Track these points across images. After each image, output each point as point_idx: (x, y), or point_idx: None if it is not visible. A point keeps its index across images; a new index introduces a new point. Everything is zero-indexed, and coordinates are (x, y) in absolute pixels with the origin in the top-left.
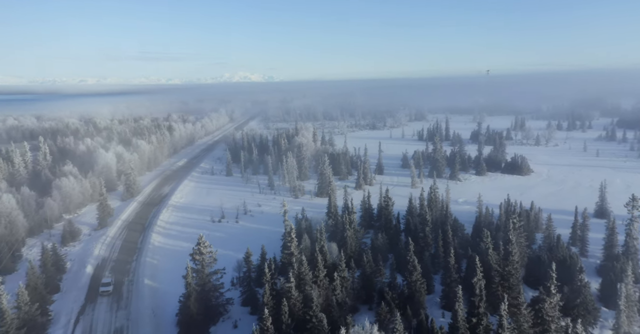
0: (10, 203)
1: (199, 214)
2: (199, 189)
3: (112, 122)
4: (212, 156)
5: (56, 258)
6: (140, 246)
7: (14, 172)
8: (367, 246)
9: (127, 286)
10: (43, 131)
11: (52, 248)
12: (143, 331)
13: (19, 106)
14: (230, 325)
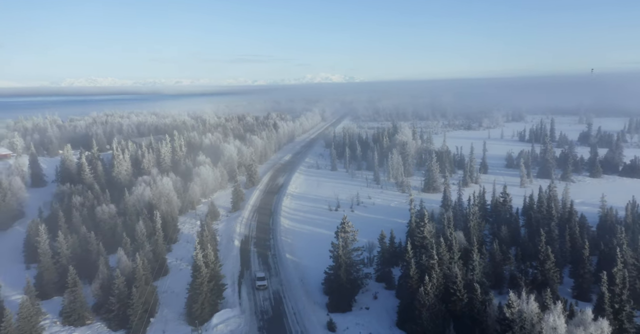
0: (169, 185)
1: (315, 202)
2: (310, 181)
3: (219, 120)
4: (314, 152)
5: (210, 233)
6: (272, 227)
7: (160, 160)
8: (488, 237)
9: (272, 259)
10: (165, 126)
11: (206, 224)
12: (296, 294)
13: (132, 105)
14: (371, 296)
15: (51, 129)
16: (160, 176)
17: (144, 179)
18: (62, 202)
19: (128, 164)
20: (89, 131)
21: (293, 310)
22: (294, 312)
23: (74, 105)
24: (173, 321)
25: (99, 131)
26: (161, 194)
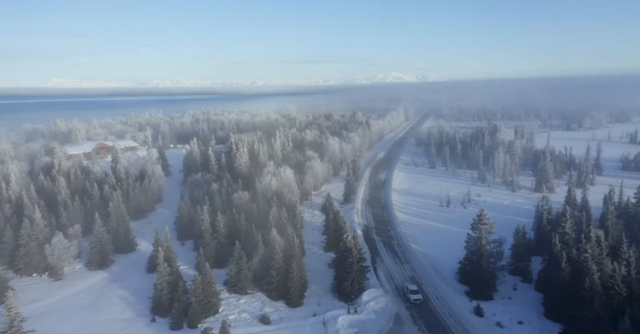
0: (291, 176)
1: (423, 198)
2: (411, 178)
3: (308, 118)
4: (406, 150)
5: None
6: (388, 219)
7: (273, 154)
8: None
9: (397, 248)
10: (261, 124)
11: (337, 213)
12: (432, 281)
13: (215, 104)
14: (509, 288)
15: (163, 125)
16: (275, 168)
17: (269, 170)
18: (202, 188)
19: (246, 156)
20: (194, 127)
21: (434, 295)
22: (436, 296)
23: (163, 104)
24: (323, 296)
25: (204, 127)
26: (284, 184)
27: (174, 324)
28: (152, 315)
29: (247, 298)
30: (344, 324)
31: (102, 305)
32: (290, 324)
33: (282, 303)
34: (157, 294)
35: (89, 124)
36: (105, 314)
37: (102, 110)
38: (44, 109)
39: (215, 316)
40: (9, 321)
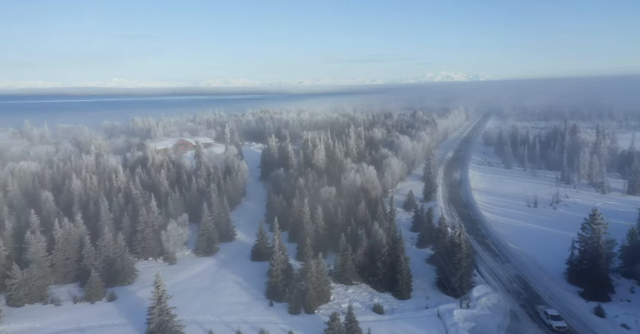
0: (373, 173)
1: (507, 198)
2: (488, 178)
3: (368, 117)
4: (475, 150)
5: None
6: (475, 218)
7: (349, 151)
8: None
9: (493, 246)
10: (323, 122)
11: (427, 211)
12: (540, 280)
13: (264, 103)
14: (626, 290)
15: (230, 123)
16: (358, 165)
17: (352, 166)
18: (288, 183)
19: (323, 153)
20: (258, 125)
21: (546, 294)
22: (548, 296)
23: (216, 103)
24: (428, 290)
25: (270, 125)
26: (367, 180)
27: (292, 309)
28: (269, 300)
29: (354, 288)
30: (460, 317)
31: (219, 288)
32: (404, 315)
33: (389, 294)
34: (273, 280)
35: (159, 122)
36: (224, 297)
37: (161, 109)
38: (108, 107)
39: (328, 304)
40: (157, 297)
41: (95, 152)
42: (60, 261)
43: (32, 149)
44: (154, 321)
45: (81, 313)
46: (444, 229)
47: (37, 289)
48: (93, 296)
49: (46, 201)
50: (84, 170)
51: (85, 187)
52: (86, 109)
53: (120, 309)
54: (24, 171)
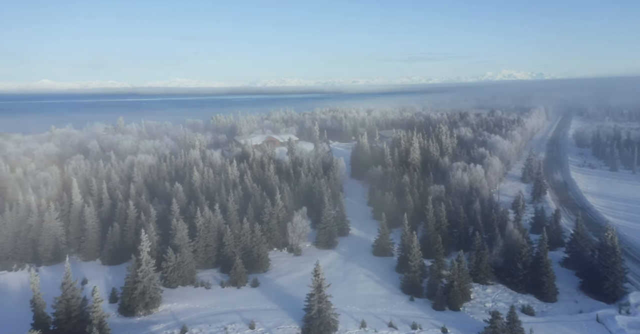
0: (480, 171)
1: (627, 202)
2: (594, 180)
3: (442, 116)
4: (569, 151)
5: None
6: (597, 222)
7: (444, 150)
8: None
9: (630, 252)
10: (400, 121)
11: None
12: None
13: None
14: None
15: (308, 121)
16: (459, 164)
17: (459, 165)
18: (393, 180)
19: (418, 151)
20: (333, 123)
21: None
22: None
23: (274, 102)
24: (573, 293)
25: (346, 123)
26: (475, 179)
27: (436, 305)
28: (407, 295)
29: (492, 288)
30: (624, 324)
31: (353, 281)
32: (558, 318)
33: (532, 297)
34: (411, 275)
35: (243, 120)
36: (360, 289)
37: (223, 107)
38: (175, 106)
39: (470, 302)
40: (317, 285)
41: (199, 148)
42: (201, 247)
43: (141, 143)
44: (314, 308)
45: (231, 296)
46: (581, 231)
47: (188, 273)
48: (239, 281)
49: (177, 191)
50: (201, 164)
51: (203, 180)
52: (155, 108)
53: (266, 295)
54: (142, 163)
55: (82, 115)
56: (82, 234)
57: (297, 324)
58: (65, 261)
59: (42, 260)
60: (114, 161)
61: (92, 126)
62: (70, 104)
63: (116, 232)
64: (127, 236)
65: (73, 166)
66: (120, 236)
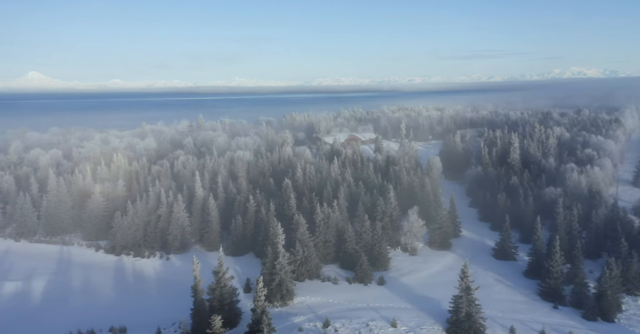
0: (599, 174)
1: None
2: None
3: (522, 115)
4: None
5: None
6: None
7: (546, 150)
8: None
9: None
10: (479, 119)
11: None
12: None
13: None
14: None
15: (383, 119)
16: (574, 165)
17: (572, 166)
18: (501, 181)
19: (518, 151)
20: (409, 121)
21: None
22: None
23: (330, 101)
24: None
25: (423, 122)
26: (593, 182)
27: (587, 315)
28: (546, 301)
29: None
30: None
31: (483, 284)
32: None
33: None
34: (552, 282)
35: (323, 118)
36: (494, 294)
37: (283, 106)
38: (236, 104)
39: (624, 313)
40: (464, 287)
41: (289, 144)
42: (321, 242)
43: (234, 140)
44: (462, 310)
45: (361, 293)
46: None
47: (315, 267)
48: (365, 278)
49: (287, 187)
50: (302, 160)
51: (305, 176)
52: (219, 106)
53: (396, 293)
54: (241, 159)
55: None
56: (206, 225)
57: (439, 325)
58: (194, 249)
59: (171, 249)
60: (215, 156)
61: (179, 123)
62: (139, 103)
63: (239, 225)
64: (247, 229)
65: (181, 161)
66: (242, 229)
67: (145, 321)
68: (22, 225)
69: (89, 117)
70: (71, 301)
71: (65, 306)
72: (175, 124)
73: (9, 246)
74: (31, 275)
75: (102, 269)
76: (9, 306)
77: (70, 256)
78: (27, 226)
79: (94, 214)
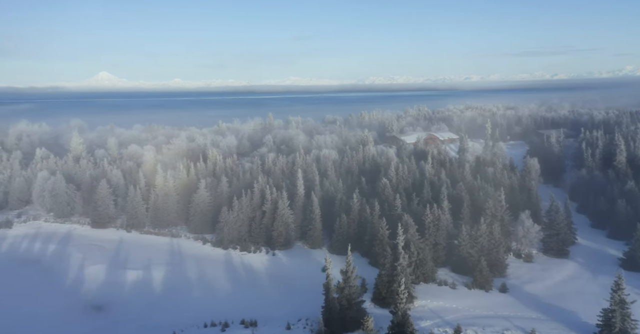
0: None
1: None
2: None
3: (608, 115)
4: None
5: None
6: None
7: None
8: None
9: None
10: (559, 119)
11: None
12: None
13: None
14: None
15: (456, 119)
16: None
17: None
18: (614, 187)
19: (624, 154)
20: (483, 120)
21: None
22: None
23: (385, 100)
24: None
25: (502, 122)
26: None
27: None
28: None
29: None
30: None
31: None
32: None
33: None
34: None
35: (397, 116)
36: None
37: (336, 105)
38: (293, 103)
39: None
40: (619, 300)
41: (371, 143)
42: (430, 245)
43: (315, 138)
44: (616, 326)
45: (485, 300)
46: None
47: (430, 270)
48: (485, 284)
49: (385, 186)
50: (394, 162)
51: (398, 176)
52: (276, 105)
53: (523, 302)
54: (327, 157)
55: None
56: (309, 222)
57: None
58: (323, 248)
59: (276, 245)
60: (303, 154)
61: (252, 121)
62: (199, 101)
63: (343, 224)
64: (351, 228)
65: (272, 158)
66: (347, 228)
67: (268, 315)
68: (133, 217)
69: (161, 115)
70: (192, 291)
71: (187, 296)
72: (248, 121)
73: (121, 236)
74: (149, 265)
75: (213, 262)
76: (135, 293)
77: (180, 248)
78: (138, 218)
79: (199, 208)
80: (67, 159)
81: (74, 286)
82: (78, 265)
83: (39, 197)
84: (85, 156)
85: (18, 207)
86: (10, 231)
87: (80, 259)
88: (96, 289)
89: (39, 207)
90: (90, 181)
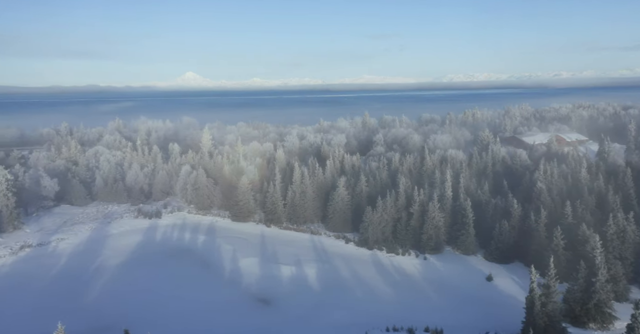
0: None
1: None
2: None
3: None
4: None
5: None
6: None
7: None
8: None
9: None
10: None
11: None
12: None
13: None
14: None
15: (575, 119)
16: None
17: None
18: None
19: None
20: (606, 120)
21: None
22: None
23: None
24: None
25: (625, 122)
26: None
27: None
28: None
29: None
30: None
31: None
32: None
33: None
34: None
35: (508, 114)
36: None
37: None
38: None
39: None
40: None
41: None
42: (611, 260)
43: (431, 138)
44: None
45: None
46: None
47: (623, 288)
48: None
49: (540, 192)
50: (542, 164)
51: (546, 181)
52: (354, 103)
53: None
54: (454, 158)
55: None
56: (461, 227)
57: None
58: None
59: (425, 248)
60: (428, 155)
61: (351, 119)
62: (279, 100)
63: (504, 231)
64: (512, 235)
65: (397, 158)
66: (508, 235)
67: (441, 323)
68: (272, 212)
69: (250, 113)
70: (352, 291)
71: (348, 296)
72: (340, 121)
73: (262, 230)
74: (299, 261)
75: (361, 262)
76: (295, 289)
77: (322, 245)
78: (276, 213)
79: (338, 206)
80: (202, 154)
81: (233, 278)
82: (230, 257)
83: (182, 190)
84: (213, 151)
85: (161, 199)
86: (160, 220)
87: (231, 251)
88: (256, 282)
89: (180, 199)
90: (229, 175)
